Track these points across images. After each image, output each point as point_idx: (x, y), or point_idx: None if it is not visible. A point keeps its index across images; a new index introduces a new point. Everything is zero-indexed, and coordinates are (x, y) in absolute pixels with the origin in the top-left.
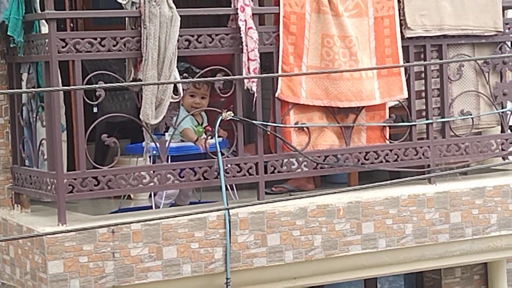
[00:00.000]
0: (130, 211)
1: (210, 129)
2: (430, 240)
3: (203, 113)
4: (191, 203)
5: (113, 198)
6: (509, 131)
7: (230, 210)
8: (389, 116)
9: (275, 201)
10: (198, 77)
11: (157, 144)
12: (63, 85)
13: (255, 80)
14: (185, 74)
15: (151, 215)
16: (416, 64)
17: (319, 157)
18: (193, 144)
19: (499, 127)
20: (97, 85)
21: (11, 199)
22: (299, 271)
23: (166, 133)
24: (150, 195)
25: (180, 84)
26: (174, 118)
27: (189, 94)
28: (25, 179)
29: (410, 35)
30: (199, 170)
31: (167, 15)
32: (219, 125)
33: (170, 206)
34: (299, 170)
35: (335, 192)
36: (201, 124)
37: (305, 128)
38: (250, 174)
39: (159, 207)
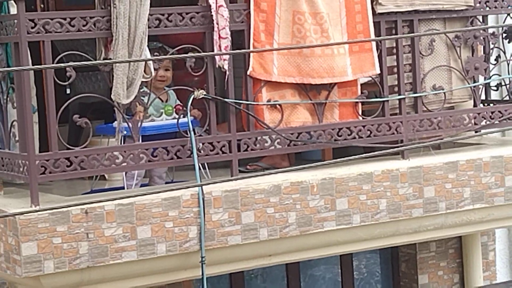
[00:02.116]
0: (103, 192)
1: (181, 108)
2: (404, 215)
3: (172, 92)
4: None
5: (87, 179)
6: (481, 105)
7: (204, 189)
8: (362, 92)
9: (247, 178)
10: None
11: (129, 124)
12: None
13: (227, 58)
14: (156, 54)
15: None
16: (388, 38)
17: (292, 134)
18: (165, 123)
19: (472, 102)
20: (65, 64)
21: None
22: (274, 249)
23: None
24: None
25: (152, 64)
26: (145, 98)
27: (165, 69)
28: None
29: (381, 11)
30: (172, 149)
31: None
32: (191, 105)
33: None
34: (273, 147)
35: (305, 167)
36: (166, 101)
37: (277, 106)
38: (223, 153)
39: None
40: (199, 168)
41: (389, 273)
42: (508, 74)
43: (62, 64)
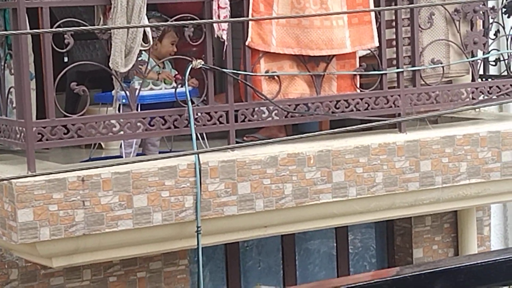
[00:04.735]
0: (100, 160)
1: (180, 77)
2: (400, 189)
3: (167, 61)
4: (161, 153)
5: (84, 148)
6: (479, 80)
7: (200, 159)
8: (360, 65)
9: (244, 146)
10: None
11: (127, 92)
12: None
13: (225, 28)
14: (154, 23)
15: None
16: (387, 8)
17: (289, 105)
18: (163, 92)
19: (470, 76)
20: (64, 29)
21: None
22: (270, 220)
23: (136, 81)
24: (121, 145)
25: (150, 32)
26: (144, 67)
27: (171, 42)
28: None
29: None
30: (169, 118)
31: None
32: (189, 74)
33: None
34: (270, 118)
35: (302, 137)
36: (163, 68)
37: (275, 77)
38: (220, 123)
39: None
40: (196, 138)
41: (384, 247)
42: (507, 49)
43: (60, 29)
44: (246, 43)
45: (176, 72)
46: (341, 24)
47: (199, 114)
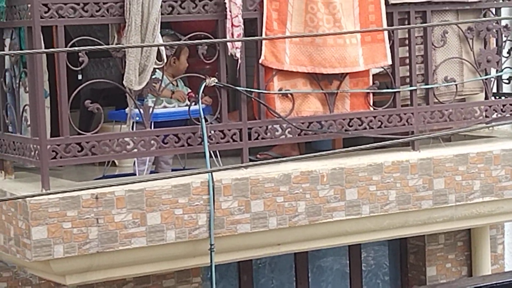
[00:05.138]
0: (114, 177)
1: (194, 95)
2: (414, 207)
3: (179, 79)
4: (174, 170)
5: (98, 165)
6: (492, 98)
7: (214, 177)
8: (373, 83)
9: (258, 164)
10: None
11: (141, 110)
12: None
13: (239, 46)
14: (168, 41)
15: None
16: (400, 27)
17: (303, 123)
18: (176, 109)
19: (483, 94)
20: (79, 48)
21: None
22: (283, 238)
23: (149, 99)
24: (135, 163)
25: (164, 50)
26: (157, 84)
27: (187, 58)
28: (8, 145)
29: (394, 2)
30: (182, 136)
31: None
32: (203, 92)
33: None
34: (283, 136)
35: (316, 156)
36: (176, 86)
37: (289, 95)
38: (234, 141)
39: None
40: (210, 156)
41: (397, 265)
42: None
43: (75, 48)
44: (260, 61)
45: (190, 90)
46: (354, 42)
47: (212, 132)
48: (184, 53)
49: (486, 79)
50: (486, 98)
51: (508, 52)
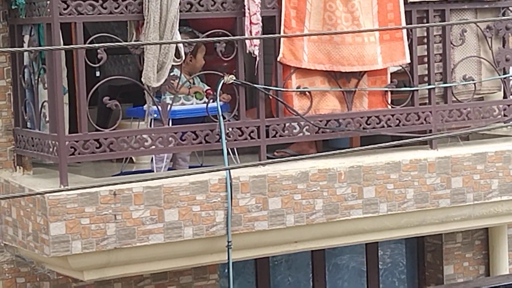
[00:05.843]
0: (132, 174)
1: (212, 92)
2: (431, 205)
3: (197, 76)
4: (192, 167)
5: (115, 162)
6: (511, 97)
7: (231, 174)
8: (391, 81)
9: (275, 162)
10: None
11: (159, 107)
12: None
13: (257, 44)
14: (187, 38)
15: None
16: (419, 26)
17: (320, 121)
18: (194, 107)
19: (501, 93)
20: (98, 45)
21: (13, 161)
22: (300, 235)
23: (167, 96)
24: (152, 160)
25: (182, 47)
26: (175, 82)
27: (203, 56)
28: (27, 141)
29: (413, 0)
30: (200, 133)
31: None
32: (221, 90)
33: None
34: (301, 134)
35: (334, 153)
36: (193, 84)
37: (307, 92)
38: (251, 138)
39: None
40: (228, 153)
41: (415, 263)
42: None
43: (94, 45)
44: (278, 59)
45: (208, 87)
46: (373, 40)
47: (230, 129)
48: (201, 51)
49: (504, 78)
50: (505, 97)
51: None
